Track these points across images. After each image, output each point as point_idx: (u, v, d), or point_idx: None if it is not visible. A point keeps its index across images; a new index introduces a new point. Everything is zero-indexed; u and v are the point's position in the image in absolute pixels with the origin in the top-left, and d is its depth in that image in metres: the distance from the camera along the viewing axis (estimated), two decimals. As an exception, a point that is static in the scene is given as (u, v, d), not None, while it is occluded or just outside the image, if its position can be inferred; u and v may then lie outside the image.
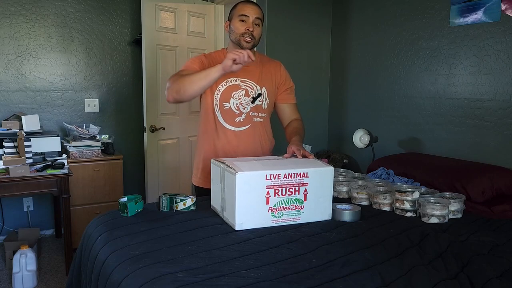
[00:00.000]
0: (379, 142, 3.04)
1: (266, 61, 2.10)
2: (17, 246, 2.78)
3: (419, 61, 2.89)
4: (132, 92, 3.74)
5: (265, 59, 2.12)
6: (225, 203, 1.64)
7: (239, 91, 1.98)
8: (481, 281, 1.22)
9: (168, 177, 3.60)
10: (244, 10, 1.92)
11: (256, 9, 1.93)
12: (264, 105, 2.04)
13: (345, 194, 2.08)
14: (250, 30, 1.90)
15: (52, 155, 2.95)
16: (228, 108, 1.97)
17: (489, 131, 2.50)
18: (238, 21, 1.92)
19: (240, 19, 1.91)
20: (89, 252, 1.56)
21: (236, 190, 1.52)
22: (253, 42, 1.93)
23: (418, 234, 1.58)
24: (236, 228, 1.56)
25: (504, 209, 1.95)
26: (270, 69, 2.08)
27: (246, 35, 1.91)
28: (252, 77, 2.01)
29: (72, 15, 3.45)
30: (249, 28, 1.90)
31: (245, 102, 1.99)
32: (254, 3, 1.97)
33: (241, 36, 1.92)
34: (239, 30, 1.92)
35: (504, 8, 2.38)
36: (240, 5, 1.95)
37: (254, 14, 1.91)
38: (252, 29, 1.91)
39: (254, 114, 2.02)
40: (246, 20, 1.91)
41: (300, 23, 3.50)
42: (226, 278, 1.20)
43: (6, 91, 3.30)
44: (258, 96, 2.00)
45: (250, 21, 1.91)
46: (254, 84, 2.00)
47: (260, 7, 1.98)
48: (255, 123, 2.02)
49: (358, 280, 1.21)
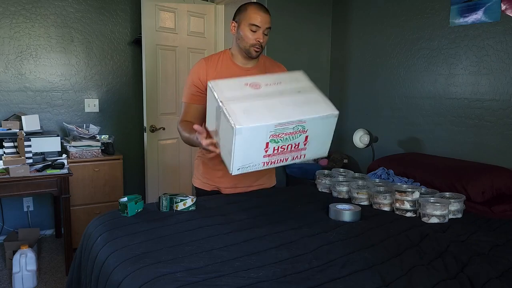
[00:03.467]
0: (379, 142, 3.04)
1: (270, 65, 2.05)
2: (17, 246, 2.78)
3: (419, 61, 2.89)
4: (132, 92, 3.74)
5: (268, 62, 2.06)
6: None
7: None
8: (481, 281, 1.22)
9: (168, 177, 3.60)
10: (256, 19, 1.82)
11: (267, 18, 1.85)
12: None
13: (345, 194, 2.08)
14: (261, 41, 1.84)
15: (52, 155, 2.94)
16: None
17: (489, 131, 2.50)
18: (249, 30, 1.84)
19: (251, 29, 1.83)
20: (89, 252, 1.56)
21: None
22: (261, 51, 1.89)
23: (418, 234, 1.58)
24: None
25: (504, 209, 1.95)
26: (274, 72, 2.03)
27: (256, 46, 1.85)
28: None
29: (72, 15, 3.45)
30: (260, 39, 1.84)
31: None
32: (265, 10, 1.87)
33: (251, 46, 1.86)
34: (249, 40, 1.85)
35: (504, 8, 2.38)
36: (252, 12, 1.84)
37: (266, 24, 1.83)
38: (263, 40, 1.85)
39: None
40: (257, 30, 1.83)
41: (300, 23, 3.50)
42: (226, 278, 1.20)
43: (6, 91, 3.30)
44: None
45: (260, 32, 1.83)
46: None
47: (269, 12, 1.89)
48: None
49: (358, 280, 1.21)
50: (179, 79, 3.60)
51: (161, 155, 3.53)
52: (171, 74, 3.55)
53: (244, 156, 1.46)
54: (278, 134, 1.45)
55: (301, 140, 1.51)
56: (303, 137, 1.50)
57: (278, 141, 1.47)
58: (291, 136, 1.48)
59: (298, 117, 1.45)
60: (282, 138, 1.46)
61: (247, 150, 1.45)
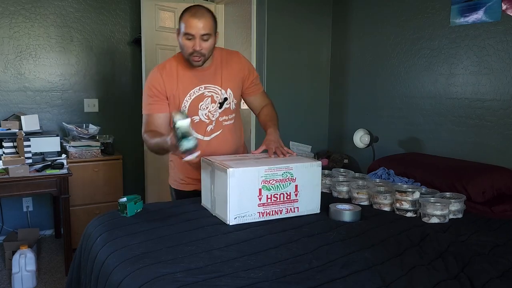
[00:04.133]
0: (380, 142, 3.04)
1: (226, 59, 1.95)
2: (17, 246, 2.78)
3: (420, 61, 2.89)
4: (132, 92, 3.74)
5: (224, 56, 1.95)
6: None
7: (205, 100, 1.89)
8: (481, 281, 1.22)
9: (168, 177, 3.59)
10: (189, 27, 1.72)
11: (201, 24, 1.72)
12: (231, 106, 1.96)
13: (345, 194, 2.08)
14: (198, 49, 1.74)
15: (52, 155, 2.94)
16: (198, 120, 1.90)
17: (490, 131, 2.49)
18: (185, 38, 1.75)
19: (186, 37, 1.74)
20: (88, 252, 1.56)
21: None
22: (204, 58, 1.79)
23: (418, 234, 1.58)
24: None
25: (504, 209, 1.94)
26: (232, 66, 1.95)
27: (194, 54, 1.76)
28: (215, 81, 1.90)
29: (72, 15, 3.44)
30: (196, 47, 1.74)
31: (213, 109, 1.91)
32: (200, 14, 1.74)
33: (189, 55, 1.78)
34: (187, 49, 1.76)
35: (504, 8, 2.37)
36: (185, 19, 1.75)
37: (201, 30, 1.72)
38: (200, 47, 1.74)
39: (224, 118, 1.96)
40: (192, 39, 1.74)
41: (300, 23, 3.50)
42: (226, 278, 1.20)
43: (5, 91, 3.29)
44: (225, 100, 1.93)
45: (196, 40, 1.73)
46: (219, 88, 1.91)
47: (208, 14, 1.77)
48: (225, 127, 1.97)
49: (358, 280, 1.21)
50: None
51: (161, 155, 3.52)
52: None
53: (239, 203, 1.61)
54: (269, 180, 1.64)
55: (292, 189, 1.70)
56: (293, 186, 1.69)
57: (270, 188, 1.65)
58: (282, 184, 1.67)
59: (285, 164, 1.68)
60: (274, 186, 1.66)
61: (241, 195, 1.61)
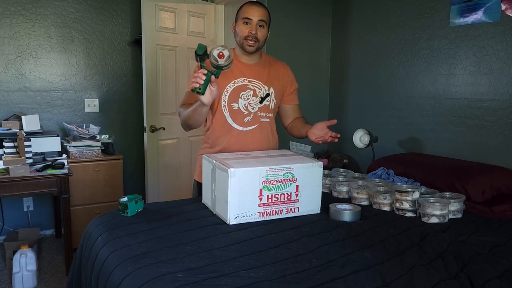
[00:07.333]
0: (379, 142, 3.04)
1: (274, 63, 2.10)
2: (17, 246, 2.78)
3: (419, 61, 2.89)
4: (132, 92, 3.74)
5: (272, 60, 2.11)
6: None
7: (247, 91, 1.98)
8: (481, 281, 1.22)
9: (168, 177, 3.60)
10: (248, 12, 1.90)
11: (260, 11, 1.91)
12: (271, 105, 2.04)
13: (345, 194, 2.08)
14: (253, 33, 1.89)
15: (52, 155, 2.94)
16: (236, 108, 1.97)
17: (489, 131, 2.50)
18: (242, 23, 1.91)
19: (244, 22, 1.90)
20: (89, 252, 1.56)
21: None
22: (257, 44, 1.93)
23: (418, 234, 1.58)
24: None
25: (504, 209, 1.95)
26: (278, 70, 2.08)
27: (249, 38, 1.90)
28: (260, 77, 2.01)
29: (72, 15, 3.45)
30: (252, 31, 1.89)
31: (253, 102, 1.99)
32: (259, 4, 1.95)
33: (244, 39, 1.91)
34: (243, 33, 1.91)
35: (504, 8, 2.38)
36: (245, 7, 1.93)
37: (258, 16, 1.89)
38: (256, 31, 1.90)
39: (262, 114, 2.02)
40: (250, 23, 1.90)
41: (300, 23, 3.50)
42: (226, 278, 1.20)
43: (6, 91, 3.30)
44: (266, 96, 2.01)
45: (253, 24, 1.89)
46: (262, 85, 2.00)
47: (266, 8, 1.96)
48: (262, 123, 2.03)
49: (358, 280, 1.21)
50: (179, 79, 3.59)
51: (161, 155, 3.53)
52: (171, 74, 3.55)
53: (239, 203, 1.61)
54: (270, 180, 1.63)
55: (293, 190, 1.68)
56: (294, 187, 1.68)
57: (271, 188, 1.64)
58: (282, 185, 1.66)
59: (287, 164, 1.66)
60: (275, 186, 1.64)
61: (242, 196, 1.60)
